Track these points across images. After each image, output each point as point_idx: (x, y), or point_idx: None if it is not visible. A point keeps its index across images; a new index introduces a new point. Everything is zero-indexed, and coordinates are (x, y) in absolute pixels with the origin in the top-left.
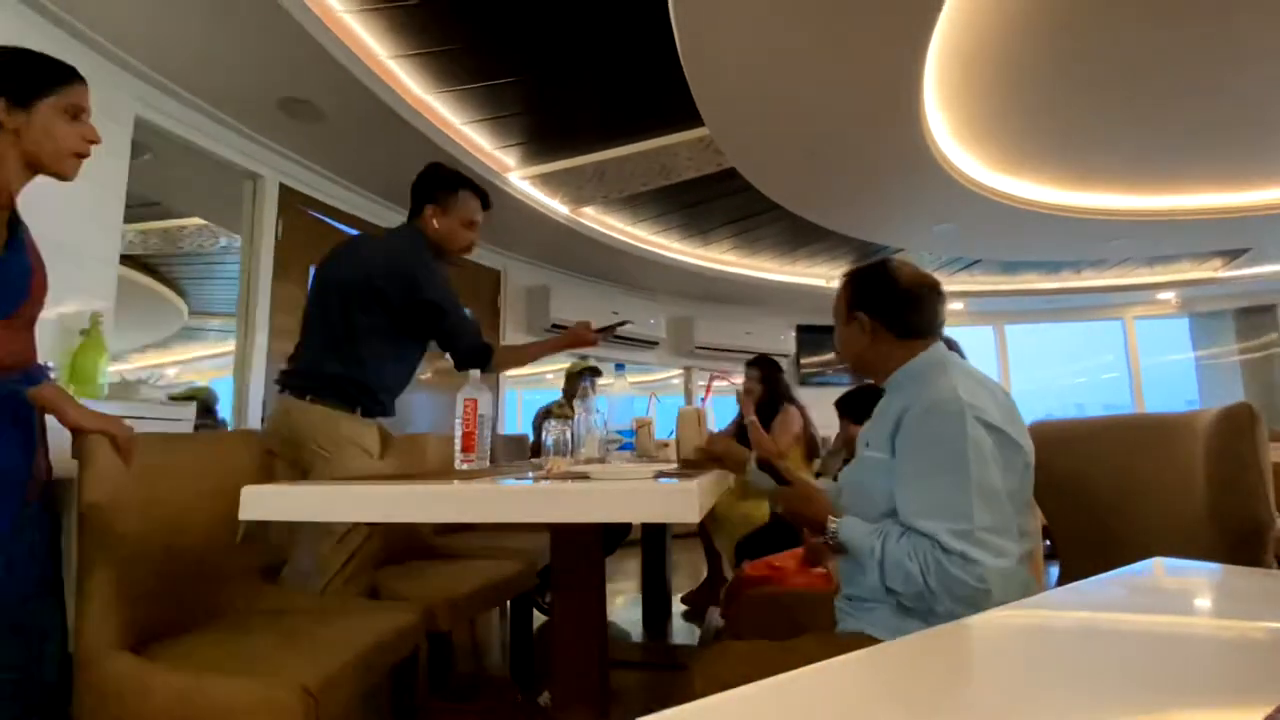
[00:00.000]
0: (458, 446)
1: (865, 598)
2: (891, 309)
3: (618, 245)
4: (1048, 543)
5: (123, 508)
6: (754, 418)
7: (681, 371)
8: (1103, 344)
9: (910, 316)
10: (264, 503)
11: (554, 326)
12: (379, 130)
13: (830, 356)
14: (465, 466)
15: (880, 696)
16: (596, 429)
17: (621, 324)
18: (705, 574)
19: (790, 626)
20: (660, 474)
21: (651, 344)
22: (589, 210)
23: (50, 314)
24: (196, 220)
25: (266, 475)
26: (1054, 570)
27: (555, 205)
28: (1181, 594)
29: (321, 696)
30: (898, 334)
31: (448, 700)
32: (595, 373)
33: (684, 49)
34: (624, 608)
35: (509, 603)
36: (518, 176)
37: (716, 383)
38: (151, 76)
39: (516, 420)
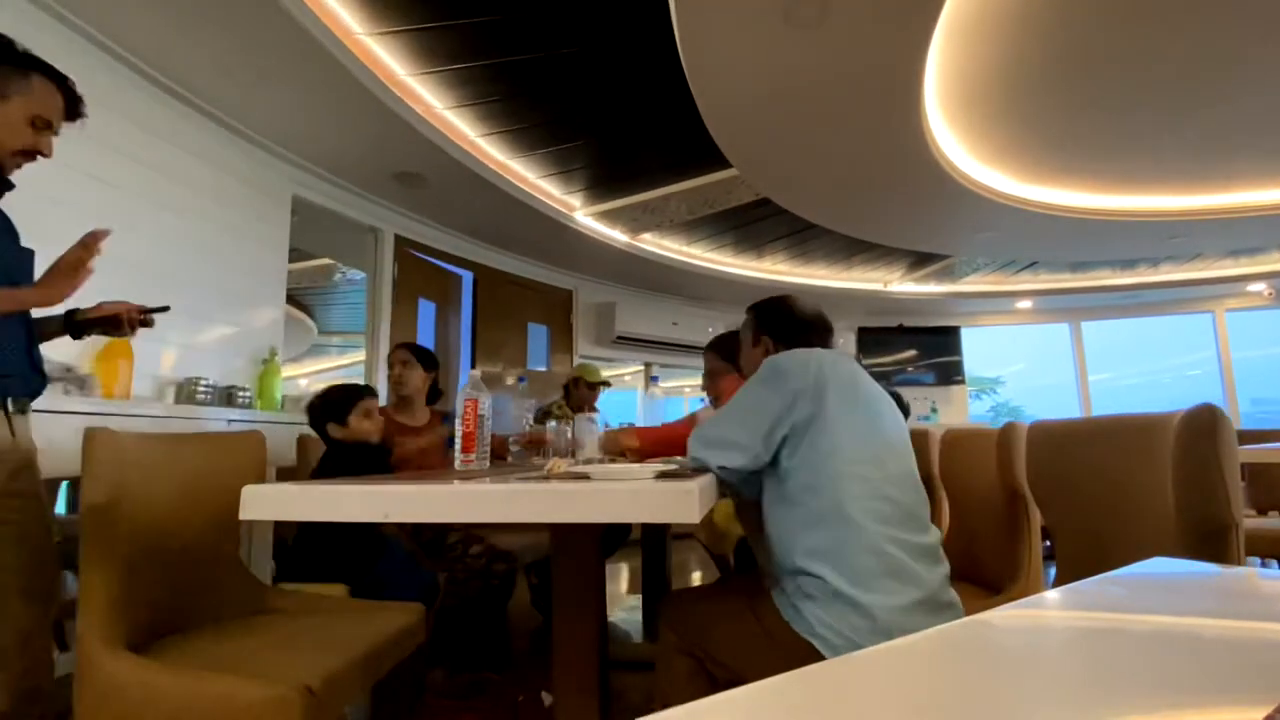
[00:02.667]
0: (458, 447)
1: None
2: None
3: (674, 264)
4: (1047, 543)
5: (124, 508)
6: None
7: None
8: (1198, 338)
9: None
10: (264, 503)
11: (619, 338)
12: (470, 190)
13: (904, 355)
14: (465, 467)
15: (878, 696)
16: (597, 430)
17: (161, 309)
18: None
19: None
20: (660, 474)
21: None
22: (647, 236)
23: (243, 347)
24: (325, 260)
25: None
26: (1052, 571)
27: (615, 234)
28: (1182, 594)
29: (323, 696)
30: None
31: (448, 700)
32: (605, 384)
33: (703, 107)
34: (624, 608)
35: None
36: (582, 214)
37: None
38: (302, 164)
39: None
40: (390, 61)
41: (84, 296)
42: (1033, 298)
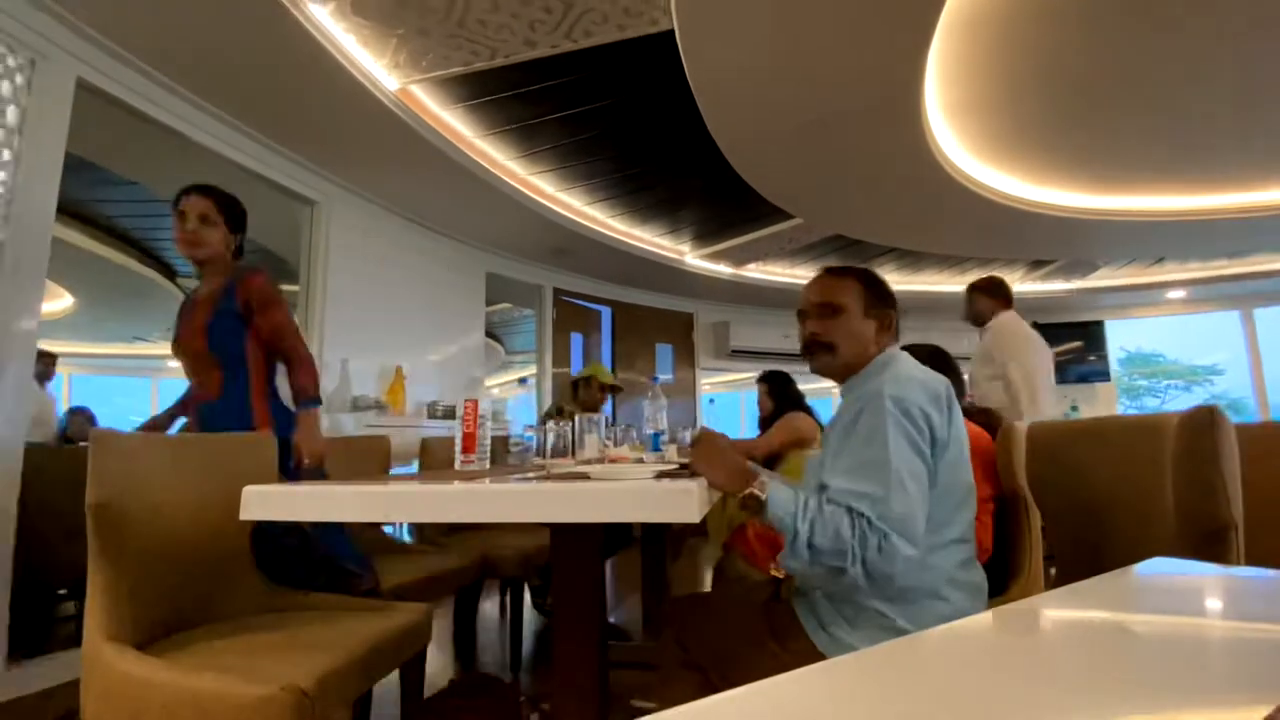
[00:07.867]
0: (458, 447)
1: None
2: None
3: (781, 285)
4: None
5: (129, 507)
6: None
7: None
8: None
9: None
10: (265, 503)
11: (734, 352)
12: (605, 254)
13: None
14: (465, 467)
15: (879, 696)
16: (599, 431)
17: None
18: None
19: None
20: (660, 474)
21: None
22: (750, 266)
23: (458, 374)
24: (507, 305)
25: (271, 475)
26: (1052, 571)
27: (722, 268)
28: (1181, 594)
29: (316, 696)
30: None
31: (448, 699)
32: (616, 390)
33: (759, 189)
34: (624, 608)
35: (508, 594)
36: (690, 257)
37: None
38: (492, 250)
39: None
40: (548, 187)
41: (348, 326)
42: (1186, 287)
